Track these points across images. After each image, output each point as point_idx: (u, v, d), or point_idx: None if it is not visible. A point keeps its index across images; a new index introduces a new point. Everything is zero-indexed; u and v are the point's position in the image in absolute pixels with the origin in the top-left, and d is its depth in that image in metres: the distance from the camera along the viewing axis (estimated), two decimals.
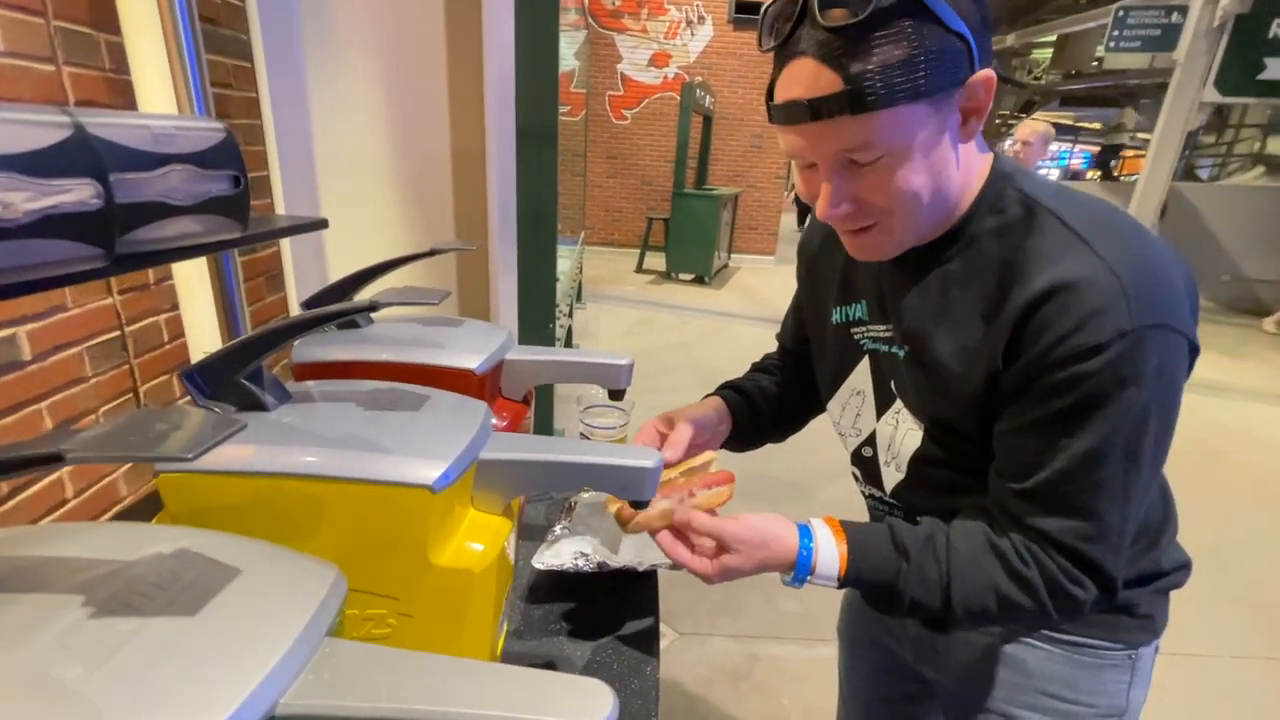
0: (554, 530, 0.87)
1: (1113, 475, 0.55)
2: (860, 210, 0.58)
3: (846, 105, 0.51)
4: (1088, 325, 0.51)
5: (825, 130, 0.53)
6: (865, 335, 0.73)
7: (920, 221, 0.59)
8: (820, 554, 0.60)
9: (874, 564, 0.60)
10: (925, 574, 0.59)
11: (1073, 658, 0.70)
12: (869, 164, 0.54)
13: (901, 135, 0.52)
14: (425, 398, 0.59)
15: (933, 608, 0.59)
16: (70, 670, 0.27)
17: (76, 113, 0.51)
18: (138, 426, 0.29)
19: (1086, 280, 0.52)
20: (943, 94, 0.52)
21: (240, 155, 0.68)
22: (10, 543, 0.35)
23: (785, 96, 0.54)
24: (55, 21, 1.00)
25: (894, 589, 0.60)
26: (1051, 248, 0.55)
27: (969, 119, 0.55)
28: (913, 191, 0.55)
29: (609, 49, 7.82)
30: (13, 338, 0.97)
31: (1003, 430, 0.59)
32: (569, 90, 5.64)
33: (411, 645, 0.36)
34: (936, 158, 0.55)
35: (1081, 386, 0.53)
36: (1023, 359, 0.55)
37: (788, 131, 0.56)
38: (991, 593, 0.58)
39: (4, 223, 0.46)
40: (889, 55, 0.49)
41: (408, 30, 1.39)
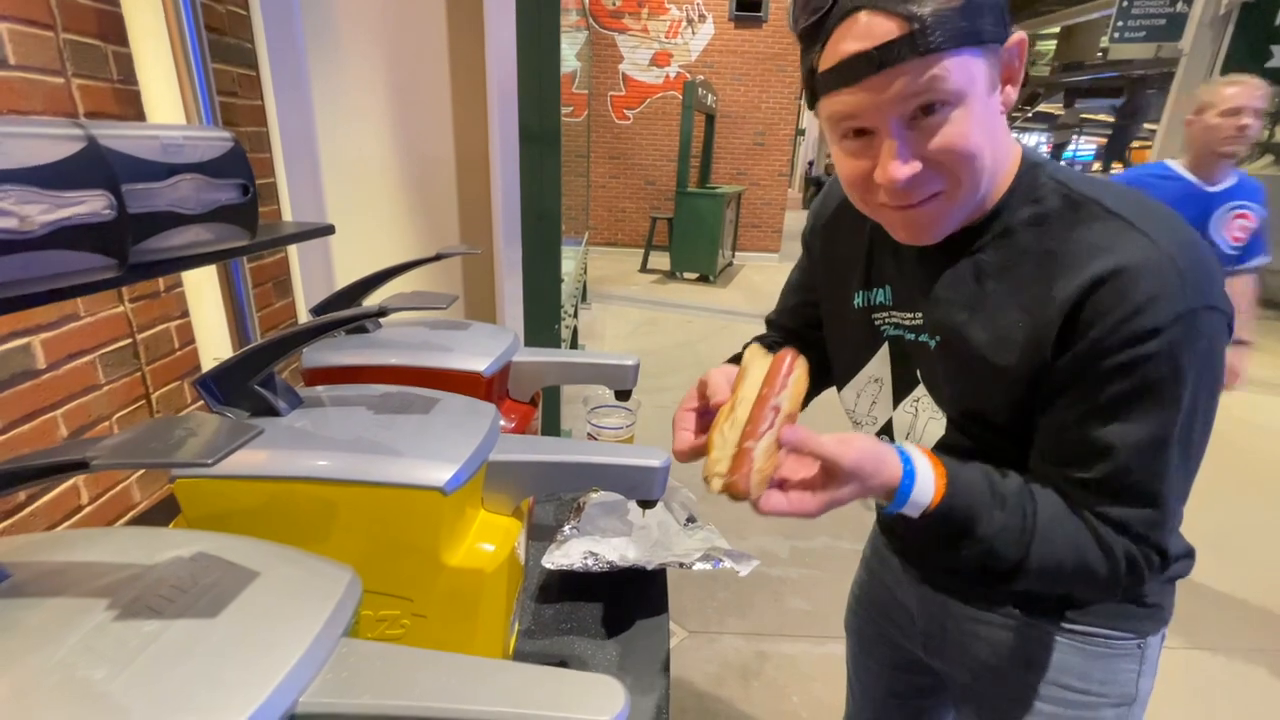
0: (564, 530, 0.87)
1: (1172, 460, 0.55)
2: (927, 172, 0.55)
3: (913, 47, 0.49)
4: (1147, 309, 0.51)
5: (891, 79, 0.51)
6: (887, 321, 0.71)
7: (976, 191, 0.57)
8: (919, 477, 0.56)
9: (967, 501, 0.57)
10: (1012, 524, 0.57)
11: (1084, 648, 0.70)
12: (934, 118, 0.53)
13: (965, 83, 0.51)
14: (435, 401, 0.60)
15: (1008, 558, 0.58)
16: (96, 671, 0.27)
17: (89, 125, 0.52)
18: (158, 433, 0.29)
19: (1143, 264, 0.52)
20: (994, 45, 0.52)
21: (248, 164, 0.69)
22: (34, 548, 0.36)
23: (843, 54, 0.52)
24: (64, 34, 1.01)
25: (977, 531, 0.57)
26: (1101, 236, 0.54)
27: (1006, 85, 0.56)
28: (976, 148, 0.54)
29: (610, 49, 7.82)
30: (27, 346, 0.99)
31: (1056, 420, 0.58)
32: (571, 91, 5.65)
33: (425, 645, 0.36)
34: (991, 118, 0.54)
35: (1140, 370, 0.52)
36: (1078, 346, 0.54)
37: (846, 93, 0.53)
38: (1072, 553, 0.57)
39: (20, 235, 0.47)
40: (944, 1, 0.49)
41: (410, 35, 1.40)
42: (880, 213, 0.61)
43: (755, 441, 0.53)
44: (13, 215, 0.46)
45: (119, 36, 1.12)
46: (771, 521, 2.79)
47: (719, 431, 0.55)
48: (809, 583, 2.28)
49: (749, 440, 0.53)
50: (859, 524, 2.69)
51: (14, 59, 0.94)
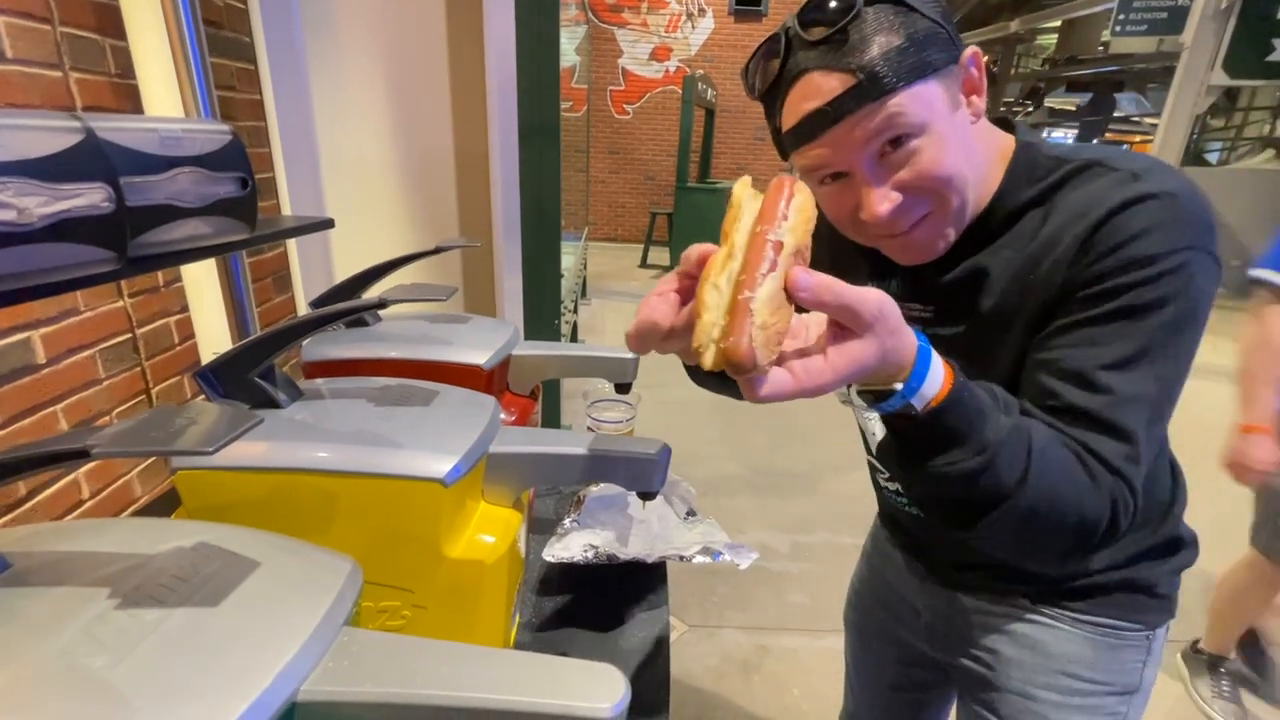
0: (564, 523, 0.87)
1: (1144, 391, 0.53)
2: (909, 200, 0.56)
3: (866, 94, 0.52)
4: (1144, 236, 0.52)
5: (852, 128, 0.53)
6: None
7: (966, 203, 0.58)
8: (933, 360, 0.46)
9: (974, 396, 0.49)
10: (1015, 436, 0.49)
11: (1093, 638, 0.70)
12: (902, 151, 0.54)
13: (923, 112, 0.53)
14: (435, 393, 0.60)
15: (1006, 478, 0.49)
16: (97, 660, 0.28)
17: (87, 118, 0.52)
18: (158, 422, 0.29)
19: (1145, 199, 0.53)
20: (945, 70, 0.54)
21: (247, 157, 0.69)
22: (36, 538, 0.36)
23: (800, 113, 0.54)
24: (62, 28, 1.01)
25: (984, 433, 0.48)
26: (1109, 186, 0.55)
27: (971, 98, 0.57)
28: (953, 168, 0.55)
29: (609, 43, 7.79)
30: (26, 341, 0.99)
31: (1040, 353, 0.56)
32: (570, 86, 5.63)
33: (426, 636, 0.36)
34: (961, 136, 0.56)
35: (1128, 294, 0.52)
36: (1076, 270, 0.54)
37: (811, 147, 0.56)
38: (1067, 481, 0.51)
39: (19, 227, 0.47)
40: (887, 43, 0.51)
41: (409, 29, 1.39)
42: (877, 243, 0.62)
43: (754, 291, 0.39)
44: (11, 208, 0.46)
45: (117, 30, 1.12)
46: (771, 516, 2.80)
47: (710, 285, 0.41)
48: (809, 577, 2.28)
49: (745, 290, 0.39)
50: (858, 519, 2.70)
51: (11, 53, 0.93)
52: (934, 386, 0.46)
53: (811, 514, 2.61)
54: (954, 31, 0.55)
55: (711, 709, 1.78)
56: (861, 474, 0.70)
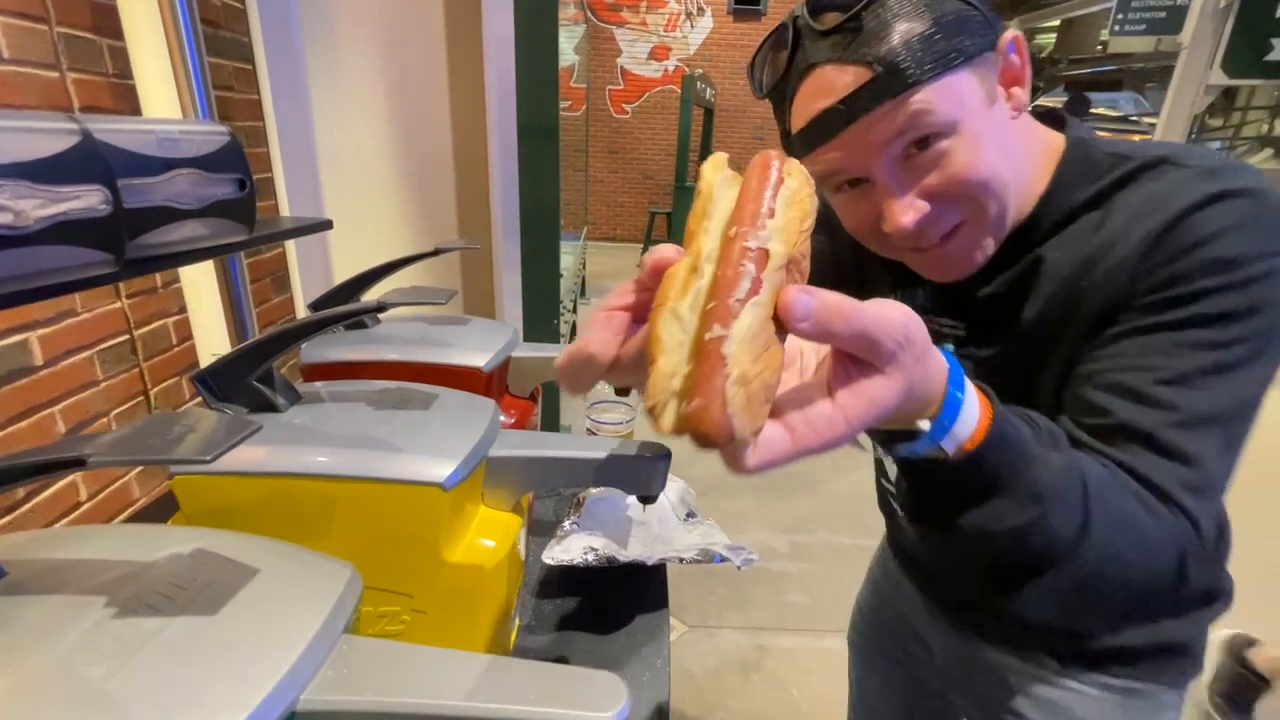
0: (563, 526, 0.87)
1: (1222, 415, 0.44)
2: (938, 209, 0.50)
3: (885, 89, 0.45)
4: (1225, 237, 0.44)
5: (869, 128, 0.47)
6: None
7: (1006, 209, 0.51)
8: (967, 392, 0.35)
9: (1017, 436, 0.37)
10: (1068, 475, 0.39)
11: (1126, 703, 0.63)
12: (930, 153, 0.48)
13: (953, 108, 0.46)
14: (434, 396, 0.59)
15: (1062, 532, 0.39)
16: (94, 669, 0.27)
17: (83, 119, 0.52)
18: (155, 430, 0.29)
19: (1234, 193, 0.45)
20: (980, 58, 0.47)
21: (245, 158, 0.68)
22: (32, 545, 0.36)
23: (810, 112, 0.48)
24: (59, 28, 1.01)
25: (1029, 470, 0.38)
26: (1182, 182, 0.47)
27: (1011, 89, 0.50)
28: (989, 171, 0.48)
29: (608, 43, 7.78)
30: (24, 343, 0.98)
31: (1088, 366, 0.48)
32: (569, 85, 5.63)
33: (425, 641, 0.36)
34: (998, 134, 0.49)
35: (1208, 299, 0.44)
36: (1142, 271, 0.47)
37: (823, 151, 0.50)
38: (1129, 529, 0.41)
39: (16, 230, 0.46)
40: (909, 30, 0.45)
41: (408, 29, 1.39)
42: (902, 256, 0.55)
43: (727, 327, 0.26)
44: (8, 210, 0.46)
45: (114, 30, 1.11)
46: (771, 516, 2.80)
47: (669, 313, 0.28)
48: (808, 577, 2.28)
49: (716, 324, 0.26)
50: (858, 519, 2.71)
51: (8, 53, 0.93)
52: (969, 423, 0.35)
53: (811, 514, 2.61)
54: (990, 12, 0.48)
55: (711, 709, 1.78)
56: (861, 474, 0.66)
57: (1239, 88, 7.81)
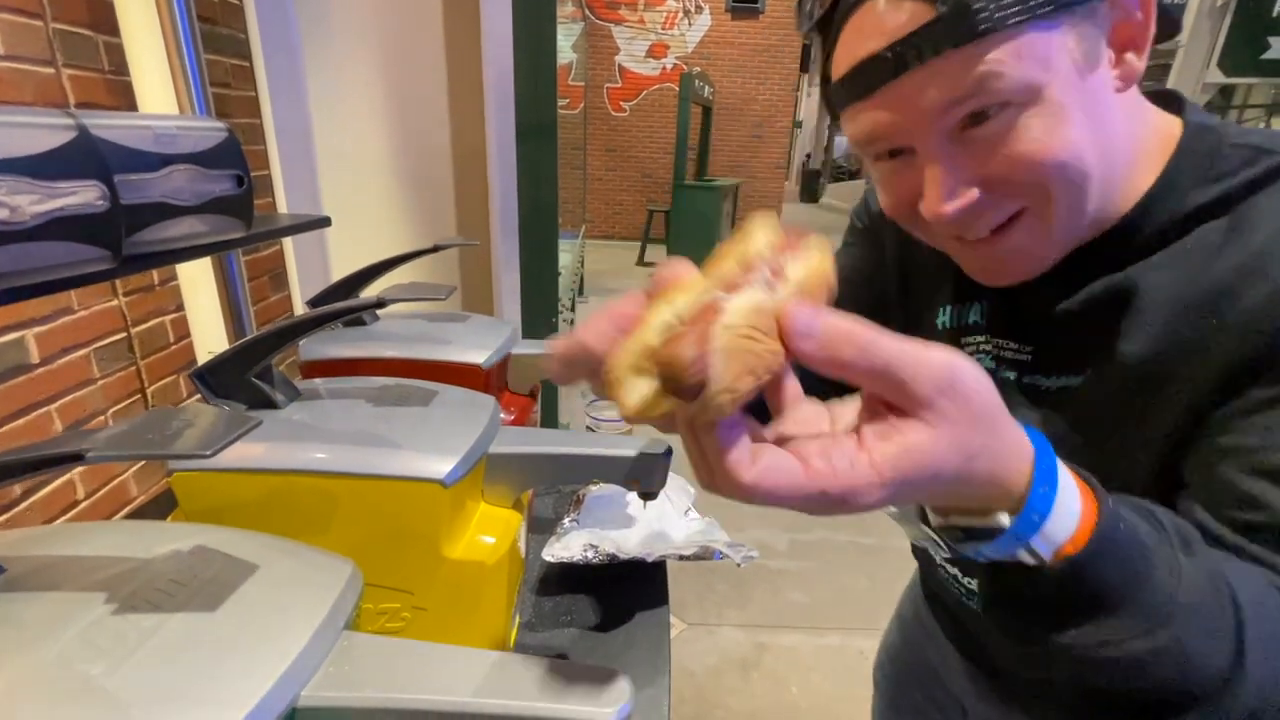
0: (563, 523, 0.87)
1: None
2: (995, 195, 0.40)
3: (945, 36, 0.35)
4: None
5: (922, 83, 0.37)
6: (981, 349, 0.52)
7: (1084, 205, 0.41)
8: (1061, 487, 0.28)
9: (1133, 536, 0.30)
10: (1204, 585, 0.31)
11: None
12: (991, 120, 0.38)
13: (1033, 70, 0.36)
14: (434, 393, 0.59)
15: (1202, 665, 0.31)
16: (95, 666, 0.27)
17: (80, 115, 0.52)
18: (155, 425, 0.29)
19: None
20: (1085, 7, 0.36)
21: (243, 155, 0.68)
22: (31, 542, 0.35)
23: (854, 57, 0.39)
24: (54, 24, 1.00)
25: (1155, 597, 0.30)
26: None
27: (1124, 54, 0.39)
28: (1069, 154, 0.38)
29: (606, 40, 7.77)
30: (20, 341, 0.98)
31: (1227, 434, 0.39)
32: (567, 83, 5.62)
33: (426, 638, 0.36)
34: (1093, 109, 0.38)
35: None
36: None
37: (864, 107, 0.40)
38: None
39: (12, 226, 0.46)
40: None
41: (406, 26, 1.39)
42: (947, 247, 0.46)
43: (731, 295, 0.26)
44: (4, 206, 0.46)
45: (110, 26, 1.11)
46: (770, 513, 2.80)
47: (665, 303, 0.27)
48: (807, 575, 2.28)
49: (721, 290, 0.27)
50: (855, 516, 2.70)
51: (3, 49, 0.92)
52: (1068, 520, 0.28)
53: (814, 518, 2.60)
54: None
55: (710, 707, 1.78)
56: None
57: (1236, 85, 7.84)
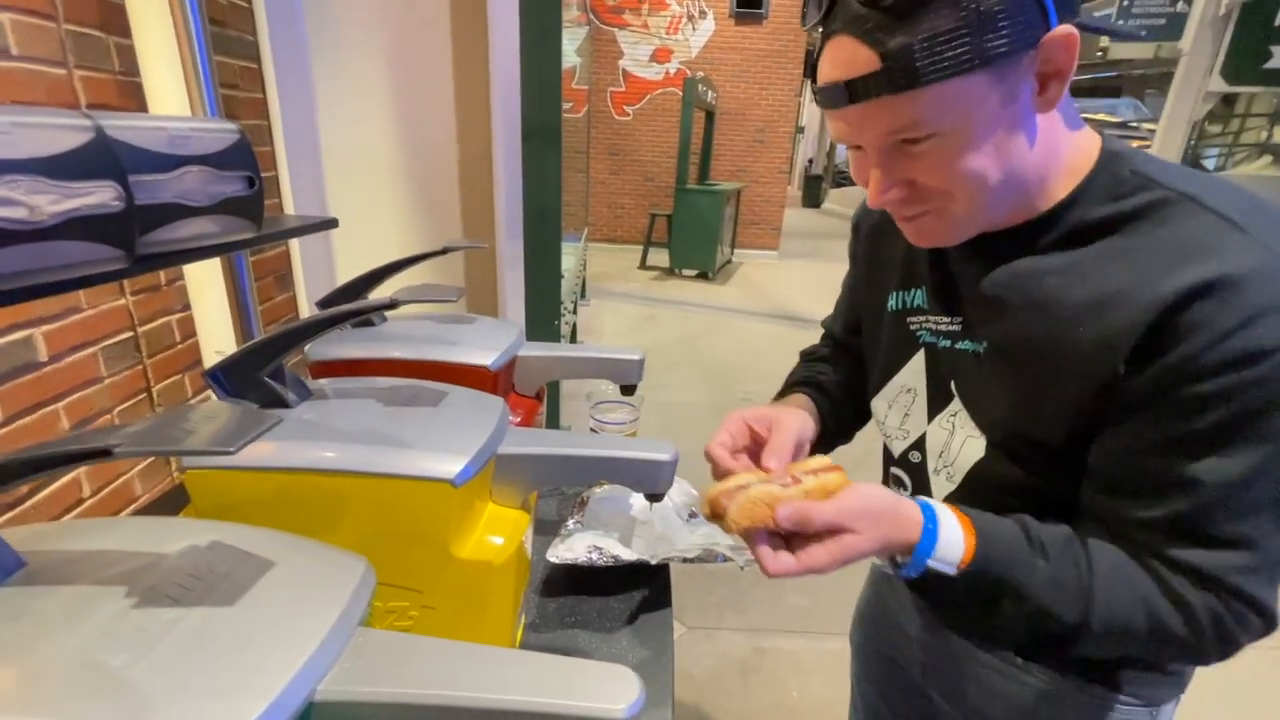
0: (567, 524, 0.87)
1: (1272, 496, 0.46)
2: (913, 195, 0.52)
3: (885, 84, 0.45)
4: (1255, 325, 0.43)
5: (867, 113, 0.48)
6: (923, 326, 0.65)
7: (987, 206, 0.52)
8: (942, 529, 0.50)
9: (1003, 554, 0.50)
10: (1063, 576, 0.50)
11: (1090, 710, 0.63)
12: (920, 144, 0.48)
13: (955, 113, 0.46)
14: (443, 394, 0.60)
15: (1066, 619, 0.50)
16: (117, 658, 0.28)
17: (97, 116, 0.52)
18: (177, 421, 0.29)
19: (1251, 272, 0.43)
20: (1014, 57, 0.44)
21: (254, 156, 0.69)
22: (51, 537, 0.36)
23: (824, 79, 0.49)
24: (66, 25, 1.01)
25: (1023, 589, 0.50)
26: (1199, 235, 0.46)
27: (1047, 85, 0.47)
28: (974, 174, 0.49)
29: (610, 45, 7.80)
30: (29, 339, 0.98)
31: (1124, 447, 0.50)
32: (571, 87, 5.63)
33: (434, 637, 0.36)
34: (1003, 134, 0.48)
35: (1240, 397, 0.44)
36: (1164, 361, 0.46)
37: (831, 116, 0.51)
38: (1142, 610, 0.49)
39: (30, 225, 0.47)
40: (934, 25, 0.43)
41: (414, 29, 1.40)
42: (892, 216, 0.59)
43: (761, 483, 0.52)
44: (22, 205, 0.46)
45: (121, 28, 1.12)
46: None
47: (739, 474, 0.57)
48: (808, 580, 2.28)
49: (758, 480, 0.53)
50: None
51: (16, 50, 0.93)
52: (952, 551, 0.50)
53: None
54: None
55: (710, 710, 1.78)
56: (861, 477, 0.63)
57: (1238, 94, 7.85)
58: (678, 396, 3.67)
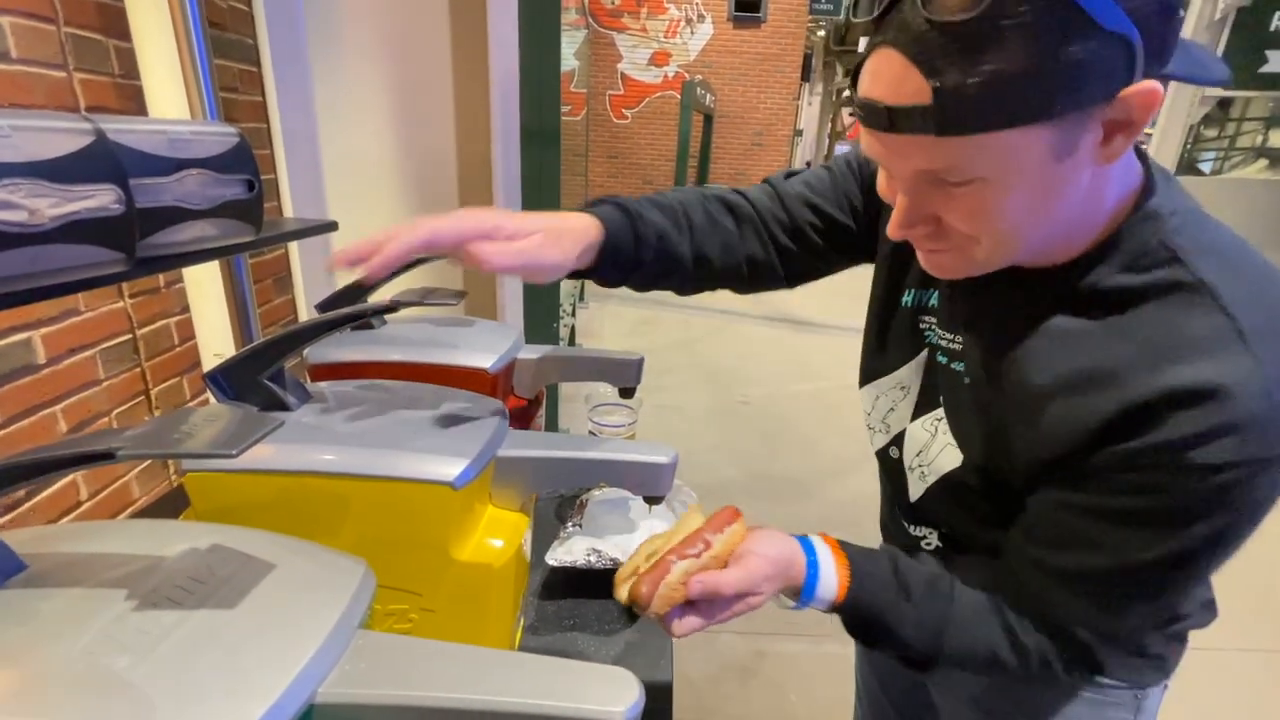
0: (566, 527, 0.87)
1: (1160, 583, 0.49)
2: (938, 232, 0.48)
3: (933, 124, 0.40)
4: (1217, 440, 0.42)
5: (906, 145, 0.43)
6: (933, 329, 0.63)
7: (1012, 255, 0.49)
8: (822, 576, 0.55)
9: (872, 593, 0.56)
10: (923, 615, 0.55)
11: (1078, 694, 0.65)
12: (954, 187, 0.44)
13: (1004, 163, 0.41)
14: (442, 397, 0.60)
15: (920, 651, 0.56)
16: (119, 660, 0.28)
17: (97, 119, 0.52)
18: (180, 424, 0.30)
19: (1234, 390, 0.42)
20: (1081, 112, 0.39)
21: (254, 159, 0.69)
22: (52, 540, 0.36)
23: (865, 93, 0.43)
24: (66, 28, 1.01)
25: (887, 624, 0.56)
26: (1202, 337, 0.44)
27: (1113, 137, 0.42)
28: (1007, 226, 0.45)
29: (609, 48, 7.82)
30: (27, 341, 0.98)
31: (1056, 500, 0.51)
32: (569, 90, 5.64)
33: (433, 639, 0.36)
34: (1053, 186, 0.43)
35: (1172, 495, 0.45)
36: (1124, 446, 0.45)
37: (865, 131, 0.46)
38: (985, 650, 0.55)
39: (31, 228, 0.47)
40: (1003, 66, 0.37)
41: (413, 33, 1.40)
42: None
43: (679, 559, 0.52)
44: (22, 208, 0.46)
45: (121, 31, 1.12)
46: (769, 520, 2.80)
47: (649, 543, 0.56)
48: None
49: (674, 555, 0.52)
50: (852, 522, 2.70)
51: (16, 52, 0.93)
52: (829, 591, 0.56)
53: (808, 519, 2.61)
54: (1155, 38, 0.38)
55: (709, 714, 1.78)
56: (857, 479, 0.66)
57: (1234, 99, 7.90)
58: (676, 399, 3.67)
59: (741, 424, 3.47)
